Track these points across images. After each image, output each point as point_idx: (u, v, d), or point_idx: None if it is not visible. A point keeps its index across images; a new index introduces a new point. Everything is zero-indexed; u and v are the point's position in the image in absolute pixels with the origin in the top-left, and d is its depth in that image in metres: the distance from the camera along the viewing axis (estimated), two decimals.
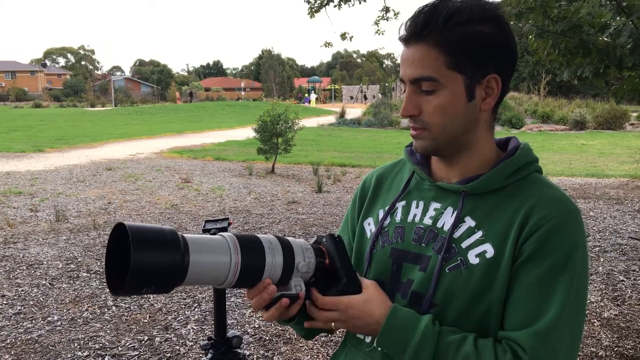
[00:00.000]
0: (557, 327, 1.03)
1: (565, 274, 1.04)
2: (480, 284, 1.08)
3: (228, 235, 1.03)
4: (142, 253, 0.92)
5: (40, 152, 15.54)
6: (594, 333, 4.18)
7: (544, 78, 33.14)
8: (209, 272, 1.00)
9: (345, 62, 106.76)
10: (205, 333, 4.13)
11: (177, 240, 0.95)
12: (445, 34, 1.06)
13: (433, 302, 1.12)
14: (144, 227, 0.95)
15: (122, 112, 34.79)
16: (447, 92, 1.08)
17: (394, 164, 1.37)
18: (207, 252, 0.99)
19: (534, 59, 4.79)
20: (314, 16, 9.48)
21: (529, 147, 1.19)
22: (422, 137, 1.13)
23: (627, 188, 10.28)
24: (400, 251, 1.20)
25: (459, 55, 1.07)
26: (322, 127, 25.37)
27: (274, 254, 1.05)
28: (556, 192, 1.12)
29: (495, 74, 1.10)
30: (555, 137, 21.00)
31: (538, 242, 1.05)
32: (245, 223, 7.54)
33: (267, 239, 1.06)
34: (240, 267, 1.00)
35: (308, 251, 1.10)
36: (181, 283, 0.98)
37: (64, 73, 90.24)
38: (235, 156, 14.73)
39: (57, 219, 7.58)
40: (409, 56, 1.09)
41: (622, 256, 6.06)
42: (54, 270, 5.57)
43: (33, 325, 4.29)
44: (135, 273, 0.91)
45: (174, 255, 0.94)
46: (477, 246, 1.10)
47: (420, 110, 1.11)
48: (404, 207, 1.24)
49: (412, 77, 1.09)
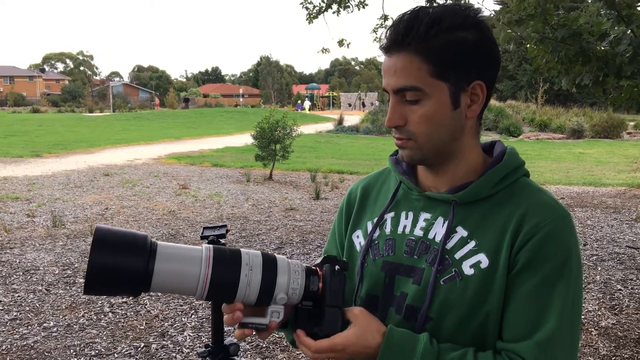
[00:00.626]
0: (557, 336, 1.02)
1: (562, 281, 1.04)
2: (476, 295, 1.07)
3: (206, 247, 1.01)
4: (101, 254, 0.93)
5: (38, 157, 15.51)
6: (591, 342, 4.16)
7: (541, 86, 33.23)
8: (176, 282, 0.98)
9: (343, 70, 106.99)
10: (202, 340, 4.11)
11: (143, 246, 0.96)
12: (428, 42, 1.04)
13: (428, 315, 1.09)
14: (112, 230, 0.97)
15: (120, 118, 34.78)
16: (432, 101, 1.07)
17: (379, 174, 1.34)
18: (175, 261, 0.98)
19: (533, 67, 4.79)
20: (312, 22, 9.50)
21: (515, 152, 1.18)
22: (408, 146, 1.12)
23: (624, 197, 10.29)
24: (392, 264, 1.17)
25: (442, 63, 1.05)
26: (320, 134, 25.38)
27: (252, 271, 1.00)
28: (546, 197, 1.11)
29: (480, 81, 1.09)
30: (552, 146, 21.04)
31: (533, 251, 1.04)
32: (243, 230, 7.52)
33: (248, 255, 1.02)
34: (209, 280, 0.98)
35: (296, 272, 1.03)
36: (147, 289, 0.97)
37: (63, 78, 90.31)
38: (233, 162, 14.72)
39: (54, 225, 7.55)
40: (391, 65, 1.08)
41: (619, 265, 6.05)
42: (50, 276, 5.54)
43: (29, 332, 4.26)
44: (91, 273, 0.93)
45: (136, 260, 0.95)
46: (470, 256, 1.08)
47: (405, 120, 1.09)
48: (393, 218, 1.21)
49: (395, 87, 1.08)
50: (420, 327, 1.09)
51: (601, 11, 4.09)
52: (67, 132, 24.26)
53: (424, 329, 1.09)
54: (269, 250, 6.54)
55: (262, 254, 1.03)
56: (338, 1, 9.43)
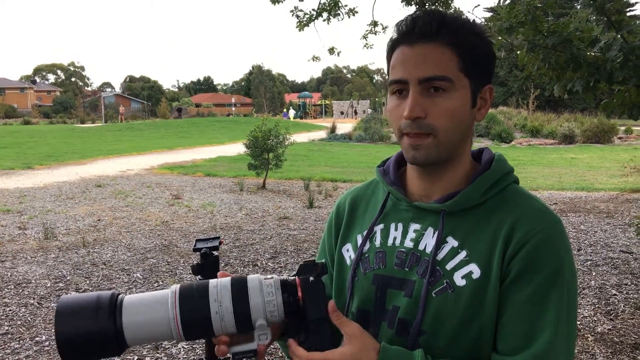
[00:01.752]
0: (554, 347, 1.00)
1: (556, 289, 1.02)
2: (469, 306, 1.05)
3: (173, 288, 0.99)
4: (65, 325, 0.94)
5: (30, 169, 15.42)
6: (587, 348, 4.15)
7: (532, 93, 33.42)
8: (149, 331, 0.97)
9: (335, 78, 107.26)
10: (196, 352, 4.07)
11: (106, 306, 0.96)
12: (459, 36, 1.06)
13: (421, 329, 1.07)
14: (73, 298, 0.98)
15: (112, 129, 34.68)
16: (457, 95, 1.06)
17: (367, 185, 1.33)
18: (141, 312, 0.97)
19: (524, 74, 4.81)
20: (302, 30, 9.52)
21: (504, 158, 1.17)
22: (425, 144, 1.06)
23: (616, 201, 10.33)
24: (383, 277, 1.15)
25: (470, 59, 1.06)
26: (313, 142, 25.39)
27: (221, 300, 0.97)
28: (537, 203, 1.10)
29: (490, 85, 1.12)
30: (544, 151, 21.12)
31: (525, 260, 1.02)
32: (237, 239, 7.49)
33: (215, 285, 0.99)
34: (179, 319, 0.96)
35: (270, 293, 0.99)
36: (126, 346, 0.97)
37: (54, 90, 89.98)
38: (226, 172, 14.69)
39: (45, 237, 7.49)
40: (419, 55, 1.05)
41: (613, 270, 6.06)
42: (42, 289, 5.49)
43: (20, 346, 4.21)
44: (62, 346, 0.94)
45: (102, 321, 0.95)
46: (462, 267, 1.07)
47: (426, 113, 1.05)
48: (383, 230, 1.19)
49: (423, 77, 1.04)
50: (414, 341, 1.07)
51: (591, 17, 4.11)
52: (58, 143, 24.15)
53: (417, 342, 1.07)
54: (263, 260, 6.52)
55: (231, 281, 1.00)
56: (328, 9, 9.46)
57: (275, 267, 6.28)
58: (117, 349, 0.97)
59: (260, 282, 1.00)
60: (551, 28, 3.96)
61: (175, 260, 6.51)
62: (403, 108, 1.06)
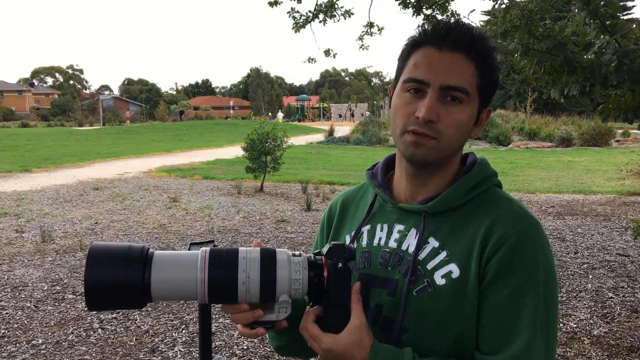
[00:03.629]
0: (533, 347, 1.03)
1: (532, 290, 1.05)
2: (449, 304, 1.08)
3: (203, 250, 1.01)
4: (96, 270, 0.95)
5: (27, 172, 15.41)
6: (584, 351, 4.16)
7: (530, 96, 33.46)
8: (175, 288, 0.99)
9: (333, 81, 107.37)
10: (192, 355, 4.08)
11: (137, 258, 0.97)
12: (484, 56, 1.10)
13: (403, 326, 1.11)
14: (107, 245, 0.99)
15: (110, 132, 34.67)
16: (469, 108, 1.10)
17: (358, 188, 1.37)
18: (171, 269, 0.99)
19: (520, 77, 4.82)
20: (299, 31, 9.52)
21: (486, 162, 1.21)
22: (429, 145, 1.09)
23: (614, 204, 10.35)
24: (367, 276, 1.19)
25: (485, 79, 1.11)
26: (311, 145, 25.41)
27: (250, 269, 0.99)
28: (515, 206, 1.13)
29: (490, 108, 1.17)
30: (542, 154, 21.16)
31: (502, 262, 1.06)
32: (234, 242, 7.49)
33: (245, 253, 1.01)
34: (207, 283, 0.98)
35: (297, 265, 1.02)
36: (150, 299, 0.99)
37: (52, 92, 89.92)
38: (224, 175, 14.69)
39: (43, 240, 7.49)
40: (445, 61, 1.08)
41: (610, 273, 6.07)
42: (39, 292, 5.48)
43: (17, 349, 4.21)
44: (89, 291, 0.96)
45: (131, 272, 0.96)
46: (442, 267, 1.10)
47: (438, 118, 1.08)
48: (369, 231, 1.24)
49: (446, 84, 1.08)
50: (396, 339, 1.11)
51: (586, 21, 4.13)
52: (56, 146, 24.14)
53: (400, 340, 1.11)
54: None
55: (260, 250, 1.02)
56: (324, 10, 9.47)
57: None
58: (141, 303, 0.99)
59: (288, 257, 1.02)
60: (546, 32, 3.98)
61: None
62: (415, 107, 1.09)
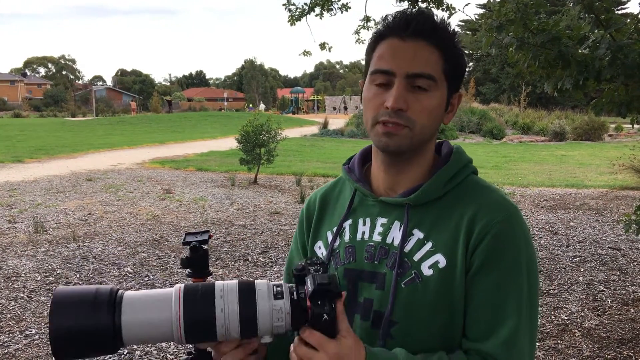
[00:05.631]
0: (520, 331, 1.07)
1: (517, 276, 1.09)
2: (437, 294, 1.10)
3: (177, 287, 0.95)
4: (62, 318, 0.89)
5: (20, 163, 15.33)
6: (575, 343, 4.20)
7: (524, 90, 33.55)
8: (149, 330, 0.93)
9: (328, 73, 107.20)
10: (185, 347, 4.08)
11: (106, 301, 0.91)
12: (447, 41, 1.11)
13: (393, 320, 1.11)
14: (71, 290, 0.93)
15: (103, 122, 34.49)
16: (438, 94, 1.11)
17: (334, 184, 1.36)
18: (142, 309, 0.93)
19: (515, 71, 4.83)
20: (294, 24, 9.48)
21: (462, 150, 1.22)
22: (401, 133, 1.10)
23: (606, 198, 10.41)
24: (353, 271, 1.19)
25: (452, 64, 1.12)
26: (305, 137, 25.38)
27: (227, 302, 0.93)
28: (494, 194, 1.16)
29: (460, 92, 1.17)
30: (535, 148, 21.23)
31: (487, 251, 1.08)
32: (228, 234, 7.49)
33: (221, 287, 0.95)
34: (182, 322, 0.92)
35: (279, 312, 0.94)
36: (122, 345, 0.93)
37: (45, 83, 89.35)
38: (218, 167, 14.66)
39: (36, 231, 7.47)
40: (409, 49, 1.09)
41: (602, 266, 6.12)
42: (32, 283, 5.48)
43: (10, 339, 4.21)
44: (55, 340, 0.89)
45: (100, 317, 0.90)
46: (428, 257, 1.12)
47: (407, 107, 1.09)
48: (351, 225, 1.24)
49: (411, 72, 1.09)
50: (386, 332, 1.11)
51: (580, 15, 4.14)
52: (49, 137, 24.01)
53: (389, 333, 1.11)
54: (254, 255, 6.53)
55: (238, 283, 0.96)
56: (321, 4, 9.43)
57: (266, 261, 6.29)
58: (112, 348, 0.93)
59: (268, 285, 0.96)
60: (540, 26, 3.99)
61: (166, 254, 6.51)
62: (384, 98, 1.10)
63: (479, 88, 49.87)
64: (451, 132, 23.29)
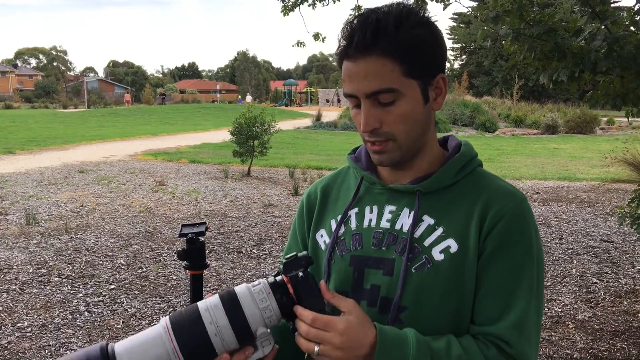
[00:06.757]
0: (529, 315, 1.08)
1: (528, 262, 1.10)
2: (448, 279, 1.10)
3: (162, 322, 0.96)
4: None
5: (11, 154, 15.22)
6: (568, 335, 4.22)
7: (516, 83, 33.62)
8: None
9: (321, 66, 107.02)
10: None
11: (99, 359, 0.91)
12: (397, 43, 1.06)
13: (402, 305, 1.11)
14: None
15: (95, 114, 34.30)
16: (406, 99, 1.09)
17: (336, 174, 1.36)
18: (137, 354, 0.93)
19: (509, 63, 4.82)
20: (287, 14, 9.41)
21: (470, 144, 1.24)
22: (387, 149, 1.12)
23: (598, 191, 10.45)
24: (360, 257, 1.18)
25: (411, 62, 1.08)
26: (298, 129, 25.33)
27: (216, 319, 0.94)
28: (503, 183, 1.18)
29: (442, 74, 1.14)
30: (527, 141, 21.29)
31: (500, 236, 1.10)
32: (221, 226, 7.47)
33: (205, 306, 0.96)
34: (179, 352, 0.93)
35: (262, 298, 0.97)
36: None
37: (36, 74, 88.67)
38: (211, 159, 14.62)
39: (27, 223, 7.42)
40: (360, 70, 1.07)
41: (594, 258, 6.14)
42: (24, 275, 5.44)
43: (2, 332, 4.18)
44: None
45: None
46: (440, 242, 1.12)
47: (380, 123, 1.10)
48: (357, 214, 1.23)
49: (369, 92, 1.07)
50: (394, 318, 1.10)
51: (575, 8, 4.14)
52: (40, 128, 23.85)
53: (398, 318, 1.11)
54: (248, 247, 6.51)
55: (219, 297, 0.97)
56: None
57: (259, 254, 6.28)
58: None
59: (249, 291, 0.98)
60: (537, 18, 3.98)
61: (159, 246, 6.49)
62: (360, 119, 1.11)
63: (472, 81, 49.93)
64: (444, 125, 23.32)
